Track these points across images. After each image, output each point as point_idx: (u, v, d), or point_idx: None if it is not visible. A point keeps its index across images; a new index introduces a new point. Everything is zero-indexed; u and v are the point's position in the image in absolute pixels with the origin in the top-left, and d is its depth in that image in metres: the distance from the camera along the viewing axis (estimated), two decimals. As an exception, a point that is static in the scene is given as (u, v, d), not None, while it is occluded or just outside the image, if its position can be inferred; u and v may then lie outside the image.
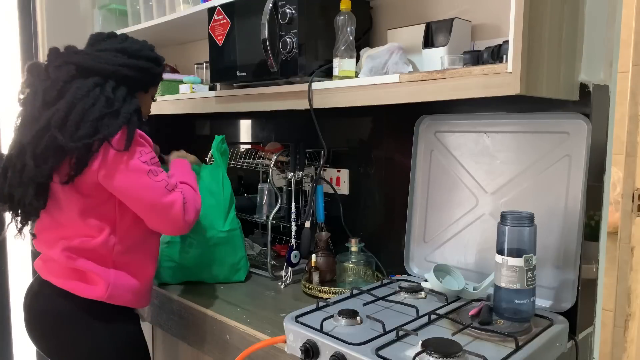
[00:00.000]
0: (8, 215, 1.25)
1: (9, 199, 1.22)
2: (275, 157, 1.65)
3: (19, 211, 1.23)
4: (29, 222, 1.26)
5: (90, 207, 1.23)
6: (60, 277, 1.26)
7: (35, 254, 1.32)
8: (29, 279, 1.36)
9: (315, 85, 1.36)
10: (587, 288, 1.24)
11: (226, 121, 2.23)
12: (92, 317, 1.26)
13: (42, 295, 1.29)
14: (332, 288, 1.45)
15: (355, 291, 1.31)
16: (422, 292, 1.32)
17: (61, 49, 1.26)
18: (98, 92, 1.19)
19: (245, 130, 2.16)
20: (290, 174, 1.64)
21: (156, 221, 1.25)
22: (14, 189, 1.20)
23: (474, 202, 1.37)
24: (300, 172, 1.64)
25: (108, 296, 1.25)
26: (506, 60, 1.01)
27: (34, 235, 1.28)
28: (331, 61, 1.37)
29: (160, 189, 1.21)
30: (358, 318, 1.13)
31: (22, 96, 1.24)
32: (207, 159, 1.75)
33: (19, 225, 1.26)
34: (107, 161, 1.17)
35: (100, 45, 1.29)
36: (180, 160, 1.50)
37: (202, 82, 1.96)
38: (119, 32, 1.37)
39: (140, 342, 1.37)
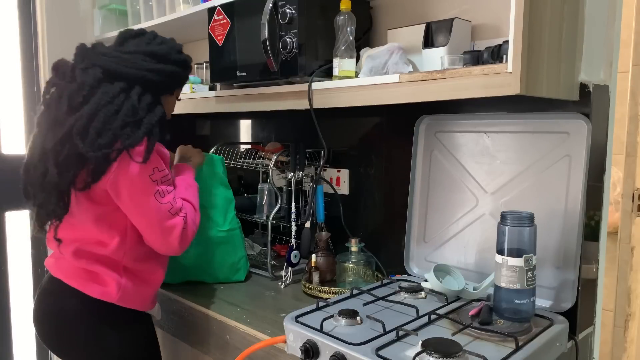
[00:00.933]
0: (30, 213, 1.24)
1: (26, 198, 1.22)
2: (275, 157, 1.65)
3: (38, 211, 1.22)
4: (48, 223, 1.24)
5: (103, 214, 1.22)
6: (71, 276, 1.25)
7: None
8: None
9: (315, 85, 1.36)
10: (587, 288, 1.24)
11: (226, 121, 2.22)
12: (102, 318, 1.25)
13: (52, 293, 1.28)
14: (332, 288, 1.45)
15: (355, 291, 1.31)
16: (422, 292, 1.32)
17: (88, 45, 1.23)
18: (123, 98, 1.17)
19: (245, 130, 2.16)
20: (290, 174, 1.64)
21: (151, 239, 1.24)
22: (36, 192, 1.19)
23: (474, 202, 1.37)
24: (300, 172, 1.64)
25: (119, 298, 1.24)
26: (506, 60, 1.01)
27: (59, 241, 1.25)
28: (331, 61, 1.37)
29: (163, 211, 1.20)
30: (358, 318, 1.13)
31: (47, 96, 1.21)
32: None
33: (39, 224, 1.24)
34: (123, 171, 1.16)
35: (128, 44, 1.26)
36: (184, 167, 1.46)
37: (202, 82, 1.96)
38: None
39: (152, 344, 1.37)
